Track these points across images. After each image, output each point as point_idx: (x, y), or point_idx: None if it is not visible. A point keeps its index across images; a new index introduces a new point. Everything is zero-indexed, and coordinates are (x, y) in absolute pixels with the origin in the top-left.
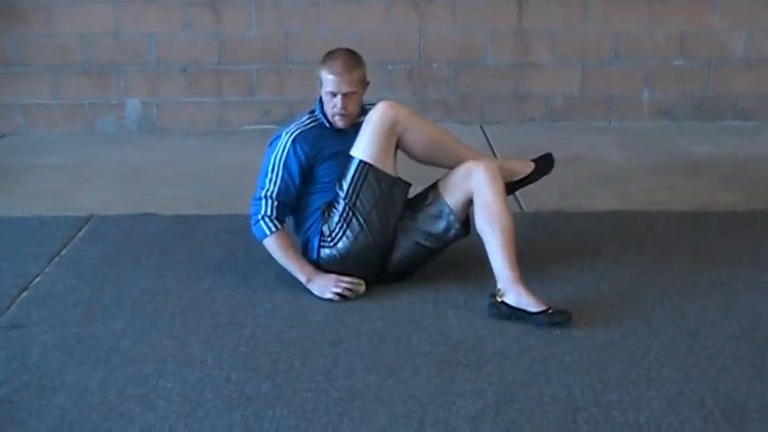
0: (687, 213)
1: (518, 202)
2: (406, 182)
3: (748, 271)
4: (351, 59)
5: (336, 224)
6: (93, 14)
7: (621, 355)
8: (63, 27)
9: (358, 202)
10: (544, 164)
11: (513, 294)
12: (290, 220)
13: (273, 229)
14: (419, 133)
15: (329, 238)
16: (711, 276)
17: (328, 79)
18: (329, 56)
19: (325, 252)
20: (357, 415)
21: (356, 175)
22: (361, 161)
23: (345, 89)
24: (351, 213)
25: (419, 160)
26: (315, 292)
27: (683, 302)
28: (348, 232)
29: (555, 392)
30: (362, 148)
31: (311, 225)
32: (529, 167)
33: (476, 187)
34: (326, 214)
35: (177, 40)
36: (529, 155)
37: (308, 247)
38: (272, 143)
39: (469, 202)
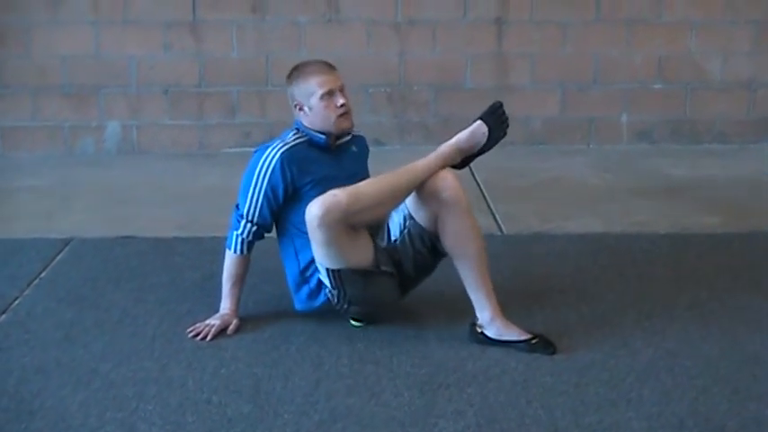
0: (666, 236)
1: (498, 225)
2: (385, 271)
3: (727, 293)
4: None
5: (338, 304)
6: (73, 36)
7: (602, 377)
8: (43, 49)
9: (350, 298)
10: (495, 120)
11: (494, 329)
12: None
13: (239, 252)
14: (369, 207)
15: (337, 305)
16: (690, 298)
17: (320, 80)
18: (303, 66)
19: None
20: None
21: (332, 282)
22: (328, 270)
23: (340, 82)
24: (348, 304)
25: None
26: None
27: (662, 324)
28: (353, 307)
29: (536, 414)
30: (323, 256)
31: (311, 274)
32: (483, 134)
33: (440, 211)
34: (328, 291)
35: (158, 62)
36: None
37: (312, 295)
38: (257, 152)
39: (436, 219)
